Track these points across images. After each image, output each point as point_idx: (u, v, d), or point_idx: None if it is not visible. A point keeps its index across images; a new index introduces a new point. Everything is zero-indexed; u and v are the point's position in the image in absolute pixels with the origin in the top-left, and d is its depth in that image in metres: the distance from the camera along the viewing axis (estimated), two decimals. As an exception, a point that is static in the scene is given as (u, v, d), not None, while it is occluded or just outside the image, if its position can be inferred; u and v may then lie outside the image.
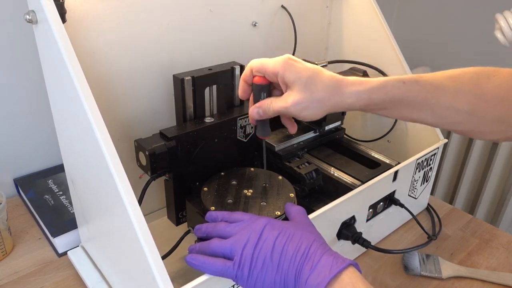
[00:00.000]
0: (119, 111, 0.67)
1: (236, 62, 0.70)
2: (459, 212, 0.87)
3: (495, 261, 0.75)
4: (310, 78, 0.50)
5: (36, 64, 0.58)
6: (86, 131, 0.48)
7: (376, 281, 0.69)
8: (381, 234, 0.78)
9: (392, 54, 0.83)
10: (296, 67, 0.51)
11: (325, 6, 0.92)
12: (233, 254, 0.46)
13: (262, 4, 0.79)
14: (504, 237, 0.80)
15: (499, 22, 0.79)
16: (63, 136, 0.60)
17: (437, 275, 0.70)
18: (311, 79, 0.50)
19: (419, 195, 0.82)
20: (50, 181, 0.87)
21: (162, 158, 0.60)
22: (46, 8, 0.47)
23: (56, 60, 0.50)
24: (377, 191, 0.70)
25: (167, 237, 0.63)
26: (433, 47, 1.52)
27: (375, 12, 0.84)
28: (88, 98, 0.47)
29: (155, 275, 0.44)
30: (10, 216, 0.79)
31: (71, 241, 0.73)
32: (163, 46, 0.68)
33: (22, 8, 0.51)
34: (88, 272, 0.67)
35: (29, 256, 0.72)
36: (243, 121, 0.69)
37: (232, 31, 0.76)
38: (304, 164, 0.72)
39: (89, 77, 0.48)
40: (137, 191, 0.54)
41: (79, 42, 0.58)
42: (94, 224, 0.62)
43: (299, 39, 0.86)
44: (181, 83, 0.63)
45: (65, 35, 0.48)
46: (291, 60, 0.52)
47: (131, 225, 0.45)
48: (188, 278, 0.48)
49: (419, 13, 1.53)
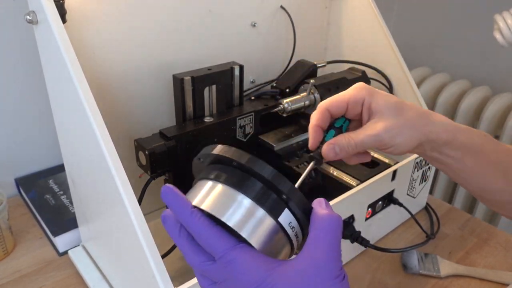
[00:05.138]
0: (119, 111, 0.67)
1: (235, 62, 0.70)
2: (458, 211, 0.88)
3: (493, 260, 0.75)
4: (400, 103, 0.46)
5: (36, 64, 0.58)
6: (86, 131, 0.48)
7: (375, 280, 0.70)
8: (380, 233, 0.78)
9: (391, 55, 0.83)
10: (381, 93, 0.46)
11: (324, 7, 0.92)
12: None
13: (261, 5, 0.80)
14: (502, 236, 0.81)
15: (498, 23, 0.79)
16: (64, 136, 0.60)
17: (436, 273, 0.70)
18: (401, 104, 0.46)
19: (418, 194, 0.82)
20: (50, 181, 0.87)
21: (162, 157, 0.60)
22: (46, 8, 0.48)
23: (56, 60, 0.50)
24: (376, 190, 0.71)
25: (167, 236, 0.63)
26: (432, 47, 1.52)
27: (374, 13, 0.84)
28: (88, 98, 0.47)
29: (155, 274, 0.45)
30: (11, 216, 0.79)
31: (71, 240, 0.74)
32: (163, 46, 0.68)
33: (23, 9, 0.51)
34: (89, 271, 0.67)
35: (30, 255, 0.73)
36: (242, 120, 0.69)
37: (231, 31, 0.77)
38: (303, 163, 0.72)
39: (89, 77, 0.48)
40: (137, 191, 0.55)
41: (79, 42, 0.59)
42: (95, 223, 0.62)
43: (298, 39, 0.86)
44: (181, 83, 0.63)
45: (65, 35, 0.48)
46: (370, 87, 0.47)
47: (131, 224, 0.46)
48: (188, 277, 0.48)
49: (418, 13, 1.53)
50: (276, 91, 0.78)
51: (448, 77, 1.42)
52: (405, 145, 0.45)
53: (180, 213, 0.35)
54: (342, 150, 0.45)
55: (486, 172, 0.48)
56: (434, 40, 1.51)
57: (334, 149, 0.45)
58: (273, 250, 0.35)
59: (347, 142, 0.45)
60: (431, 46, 1.52)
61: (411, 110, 0.46)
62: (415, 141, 0.46)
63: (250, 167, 0.35)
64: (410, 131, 0.45)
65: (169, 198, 0.36)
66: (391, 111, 0.45)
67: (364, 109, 0.46)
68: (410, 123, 0.45)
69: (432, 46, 1.52)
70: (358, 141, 0.45)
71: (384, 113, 0.45)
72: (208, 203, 0.35)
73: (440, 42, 1.49)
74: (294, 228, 0.36)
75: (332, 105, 0.46)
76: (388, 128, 0.44)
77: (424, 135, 0.46)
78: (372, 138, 0.45)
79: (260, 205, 0.34)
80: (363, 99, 0.46)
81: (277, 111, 0.72)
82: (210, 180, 0.37)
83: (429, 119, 0.46)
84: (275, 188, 0.35)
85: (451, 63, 1.47)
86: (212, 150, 0.38)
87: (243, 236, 0.33)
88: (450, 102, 1.35)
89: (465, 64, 1.43)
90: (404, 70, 0.82)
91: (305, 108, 0.74)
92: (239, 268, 0.33)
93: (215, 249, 0.34)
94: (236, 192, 0.35)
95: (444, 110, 1.36)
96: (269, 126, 0.76)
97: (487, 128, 1.27)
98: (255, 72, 0.83)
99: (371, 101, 0.46)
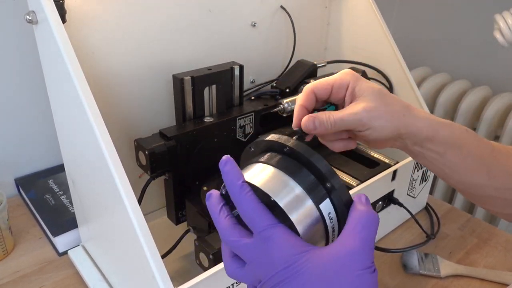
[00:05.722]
0: (119, 111, 0.67)
1: (235, 62, 0.70)
2: (458, 211, 0.88)
3: (494, 260, 0.75)
4: (383, 90, 0.47)
5: (36, 64, 0.58)
6: (86, 131, 0.48)
7: (375, 280, 0.70)
8: (380, 233, 0.78)
9: (391, 55, 0.83)
10: (365, 80, 0.48)
11: (324, 7, 0.92)
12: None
13: (261, 5, 0.80)
14: (502, 236, 0.81)
15: (498, 23, 0.79)
16: (64, 136, 0.60)
17: (436, 273, 0.70)
18: (383, 91, 0.47)
19: (418, 194, 0.82)
20: (50, 181, 0.87)
21: (162, 157, 0.60)
22: (46, 8, 0.48)
23: (56, 60, 0.50)
24: (376, 190, 0.71)
25: (167, 237, 0.64)
26: (432, 47, 1.52)
27: (374, 13, 0.84)
28: (88, 98, 0.47)
29: (154, 274, 0.45)
30: (11, 216, 0.79)
31: (71, 240, 0.74)
32: (163, 46, 0.68)
33: (23, 9, 0.51)
34: (89, 271, 0.67)
35: (30, 256, 0.73)
36: (242, 120, 0.69)
37: (231, 31, 0.77)
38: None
39: (89, 77, 0.48)
40: (137, 191, 0.55)
41: (79, 42, 0.59)
42: (94, 223, 0.62)
43: (298, 39, 0.86)
44: (181, 83, 0.63)
45: (65, 35, 0.48)
46: (356, 74, 0.49)
47: (131, 224, 0.46)
48: (188, 277, 0.48)
49: (418, 13, 1.53)
50: (276, 91, 0.78)
51: (448, 77, 1.42)
52: (382, 130, 0.46)
53: (233, 182, 0.36)
54: (321, 125, 0.46)
55: (469, 167, 0.48)
56: (434, 40, 1.51)
57: (314, 122, 0.46)
58: (311, 240, 0.36)
59: (327, 118, 0.46)
60: (431, 46, 1.52)
61: (394, 100, 0.47)
62: (393, 129, 0.46)
63: (306, 157, 0.37)
64: (389, 117, 0.46)
65: (227, 166, 0.37)
66: (374, 95, 0.46)
67: (348, 94, 0.48)
68: (390, 109, 0.46)
69: (432, 46, 1.52)
70: (338, 118, 0.46)
71: (366, 97, 0.46)
72: (260, 181, 0.36)
73: (440, 42, 1.49)
74: (333, 220, 0.37)
75: (317, 87, 0.48)
76: (368, 108, 0.45)
77: (404, 127, 0.46)
78: (351, 117, 0.46)
79: (309, 196, 0.36)
80: (347, 83, 0.47)
81: (277, 111, 0.71)
82: (262, 163, 0.38)
83: (410, 112, 0.47)
84: (324, 181, 0.36)
85: (451, 63, 1.47)
86: (266, 137, 0.40)
87: (291, 219, 0.35)
88: (450, 102, 1.35)
89: (466, 64, 1.43)
90: (404, 70, 0.82)
91: (305, 108, 0.74)
92: (275, 244, 0.34)
93: (257, 223, 0.35)
94: (289, 178, 0.36)
95: (444, 110, 1.36)
96: (269, 126, 0.76)
97: (488, 128, 1.27)
98: (255, 72, 0.83)
99: (355, 86, 0.47)
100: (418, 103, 0.82)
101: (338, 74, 0.48)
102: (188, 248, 0.67)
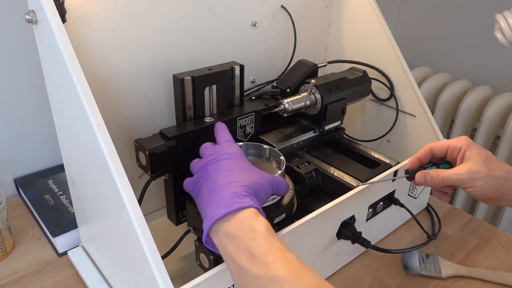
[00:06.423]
0: (119, 111, 0.67)
1: (236, 62, 0.70)
2: (459, 212, 0.87)
3: (495, 261, 0.75)
4: (489, 156, 0.56)
5: (36, 64, 0.58)
6: (86, 131, 0.48)
7: (376, 280, 0.69)
8: (380, 233, 0.78)
9: (391, 54, 0.83)
10: (477, 146, 0.58)
11: (324, 6, 0.92)
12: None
13: (261, 4, 0.80)
14: (503, 236, 0.81)
15: (499, 22, 0.79)
16: (63, 136, 0.60)
17: (437, 274, 0.70)
18: (491, 157, 0.56)
19: (419, 194, 0.82)
20: (50, 181, 0.87)
21: (162, 157, 0.60)
22: (46, 8, 0.47)
23: (56, 60, 0.50)
24: (376, 190, 0.71)
25: (167, 237, 0.64)
26: (432, 47, 1.52)
27: (374, 12, 0.84)
28: (88, 98, 0.47)
29: (155, 274, 0.44)
30: (11, 216, 0.79)
31: (71, 240, 0.73)
32: (163, 46, 0.68)
33: (22, 8, 0.51)
34: (88, 272, 0.67)
35: (29, 256, 0.72)
36: (242, 120, 0.69)
37: (231, 31, 0.76)
38: (303, 163, 0.72)
39: (89, 77, 0.48)
40: (137, 191, 0.55)
41: (79, 42, 0.59)
42: (94, 224, 0.62)
43: (299, 39, 0.86)
44: (181, 83, 0.63)
45: (65, 35, 0.48)
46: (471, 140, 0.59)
47: (131, 224, 0.45)
48: (188, 277, 0.48)
49: (418, 13, 1.53)
50: (276, 91, 0.78)
51: (449, 76, 1.42)
52: (482, 189, 0.55)
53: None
54: (431, 180, 0.57)
55: None
56: (435, 39, 1.51)
57: (425, 177, 0.58)
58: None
59: (436, 175, 0.57)
60: (432, 46, 1.52)
61: (499, 166, 0.56)
62: (494, 190, 0.55)
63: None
64: (490, 180, 0.55)
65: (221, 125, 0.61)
66: (479, 160, 0.56)
67: (459, 155, 0.58)
68: (492, 174, 0.55)
69: (433, 45, 1.52)
70: (445, 176, 0.56)
71: (473, 161, 0.56)
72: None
73: (441, 42, 1.49)
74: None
75: (435, 146, 0.60)
76: (471, 171, 0.55)
77: (506, 189, 0.55)
78: (456, 176, 0.56)
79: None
80: (461, 147, 0.58)
81: (278, 111, 0.71)
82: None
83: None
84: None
85: (452, 63, 1.47)
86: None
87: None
88: (451, 102, 1.35)
89: (466, 63, 1.43)
90: (405, 69, 0.82)
91: (306, 108, 0.74)
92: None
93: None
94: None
95: (444, 110, 1.36)
96: (270, 126, 0.76)
97: (488, 128, 1.27)
98: (255, 72, 0.83)
99: (467, 150, 0.57)
100: (419, 103, 0.82)
101: (455, 139, 0.59)
102: (188, 249, 0.66)
